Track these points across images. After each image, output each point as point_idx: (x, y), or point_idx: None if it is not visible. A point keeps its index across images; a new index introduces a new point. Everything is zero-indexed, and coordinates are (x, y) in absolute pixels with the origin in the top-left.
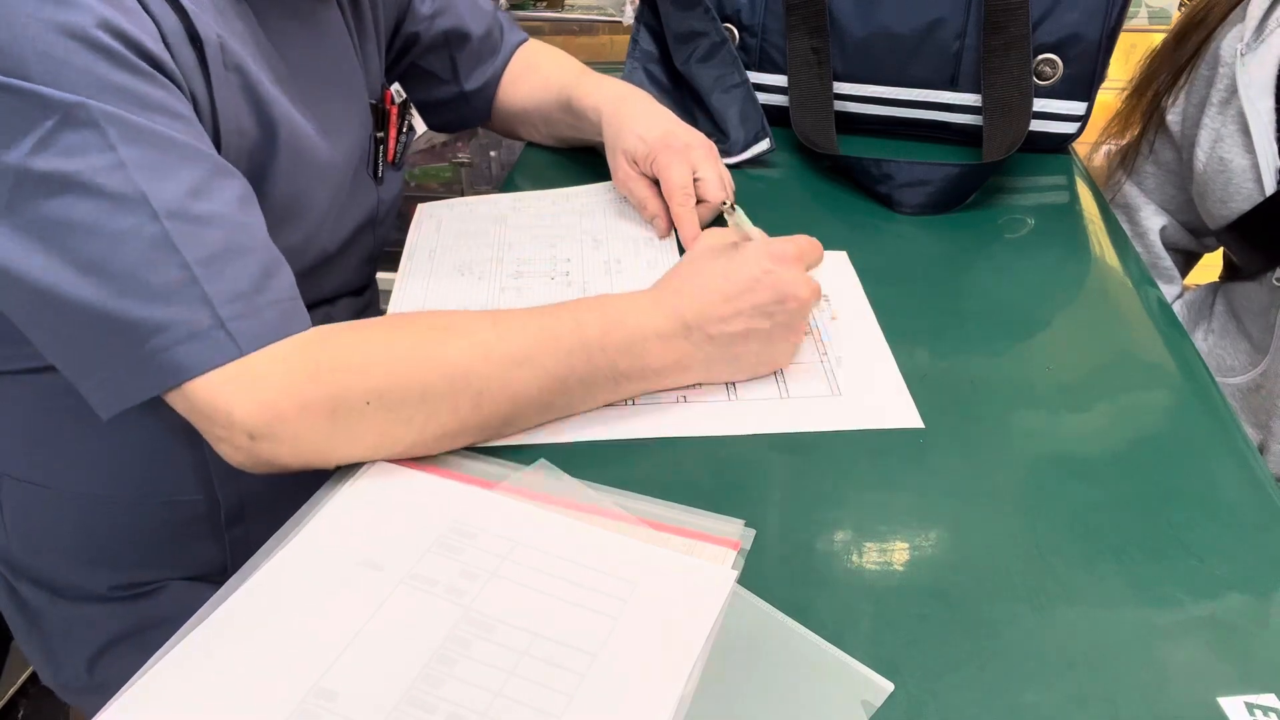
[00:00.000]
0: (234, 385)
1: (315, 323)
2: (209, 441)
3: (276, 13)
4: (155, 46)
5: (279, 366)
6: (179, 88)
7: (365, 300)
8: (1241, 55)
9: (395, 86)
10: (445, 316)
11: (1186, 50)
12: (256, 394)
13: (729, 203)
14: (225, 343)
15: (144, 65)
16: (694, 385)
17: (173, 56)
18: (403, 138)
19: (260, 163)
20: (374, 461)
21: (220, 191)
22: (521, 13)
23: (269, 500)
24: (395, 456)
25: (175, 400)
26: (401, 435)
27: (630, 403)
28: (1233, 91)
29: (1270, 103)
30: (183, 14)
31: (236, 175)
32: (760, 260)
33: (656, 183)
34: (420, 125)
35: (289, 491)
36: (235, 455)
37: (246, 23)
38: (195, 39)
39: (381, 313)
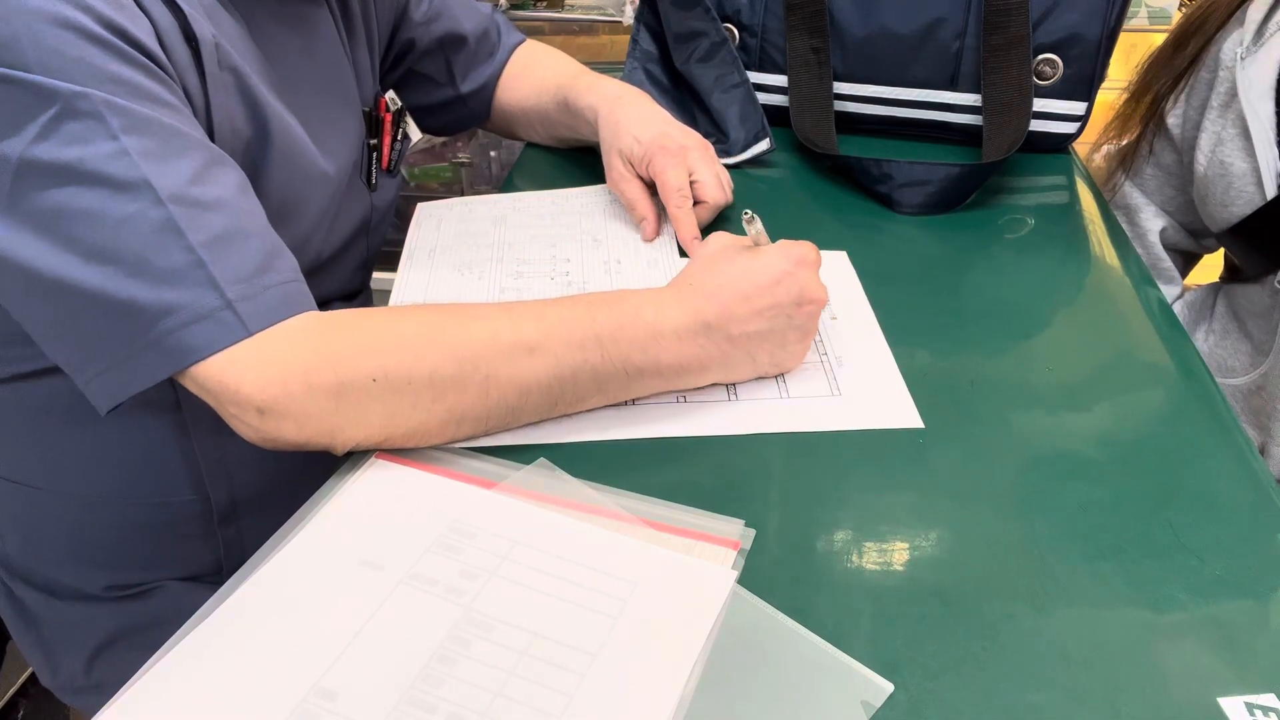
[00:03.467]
0: (242, 364)
1: None
2: (223, 419)
3: (266, 18)
4: (150, 42)
5: (286, 345)
6: (174, 82)
7: (358, 304)
8: (1241, 59)
9: (390, 94)
10: (457, 304)
11: (1186, 55)
12: (264, 371)
13: (748, 213)
14: (233, 323)
15: (140, 58)
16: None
17: (167, 54)
18: (397, 145)
19: (253, 163)
20: (374, 460)
21: (220, 178)
22: (521, 13)
23: (261, 500)
24: (402, 441)
25: (186, 381)
26: (407, 418)
27: (630, 403)
28: (1233, 95)
29: (1270, 106)
30: (178, 13)
31: (233, 164)
32: (781, 262)
33: (652, 184)
34: (416, 133)
35: (281, 491)
36: (247, 432)
37: (239, 28)
38: (190, 38)
39: None
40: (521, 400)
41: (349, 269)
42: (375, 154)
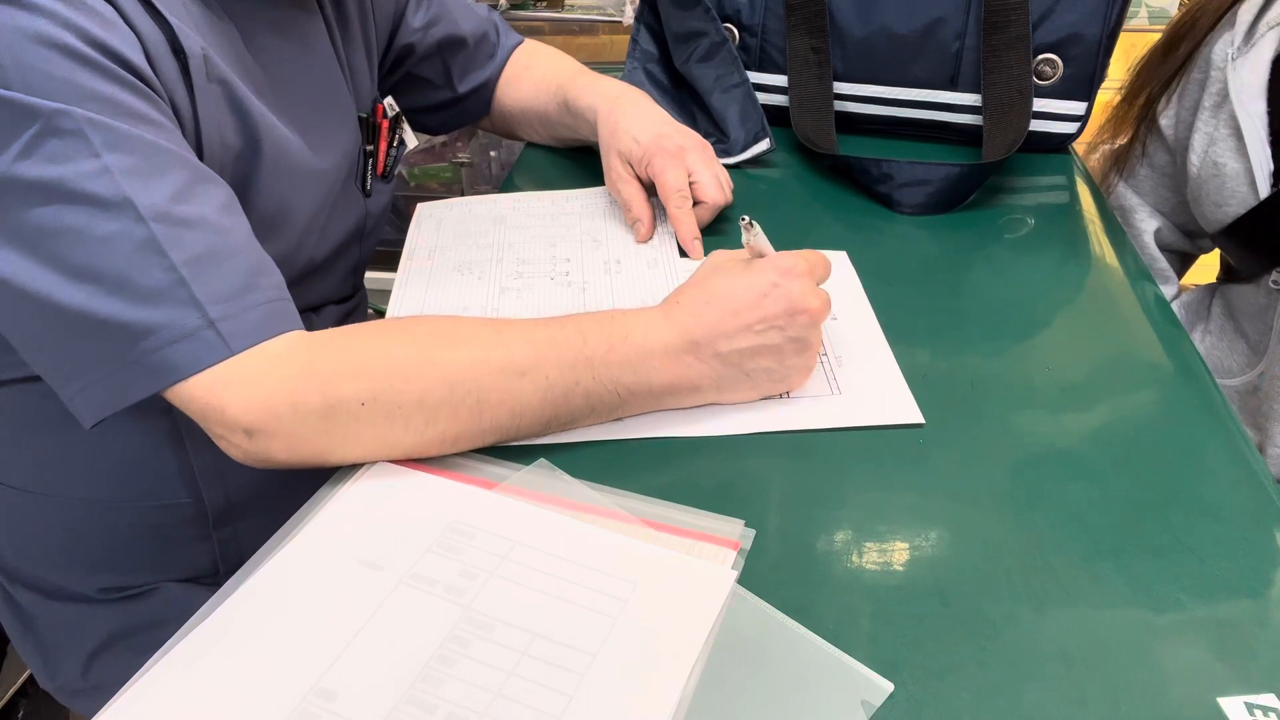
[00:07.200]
0: (226, 384)
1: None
2: (211, 439)
3: (259, 27)
4: (136, 58)
5: (270, 365)
6: (160, 98)
7: (350, 307)
8: (1232, 59)
9: (388, 100)
10: (448, 323)
11: (1177, 57)
12: (249, 392)
13: (746, 219)
14: (215, 342)
15: (125, 74)
16: None
17: (154, 68)
18: (393, 151)
19: (244, 173)
20: (374, 462)
21: (203, 196)
22: (521, 13)
23: (256, 501)
24: (397, 458)
25: (172, 399)
26: (400, 439)
27: None
28: (1225, 96)
29: (1262, 106)
30: (165, 26)
31: (219, 181)
32: (768, 274)
33: (652, 185)
34: (412, 139)
35: (276, 492)
36: (236, 453)
37: (229, 37)
38: (178, 51)
39: (371, 316)
40: (514, 421)
41: (342, 274)
42: (370, 160)
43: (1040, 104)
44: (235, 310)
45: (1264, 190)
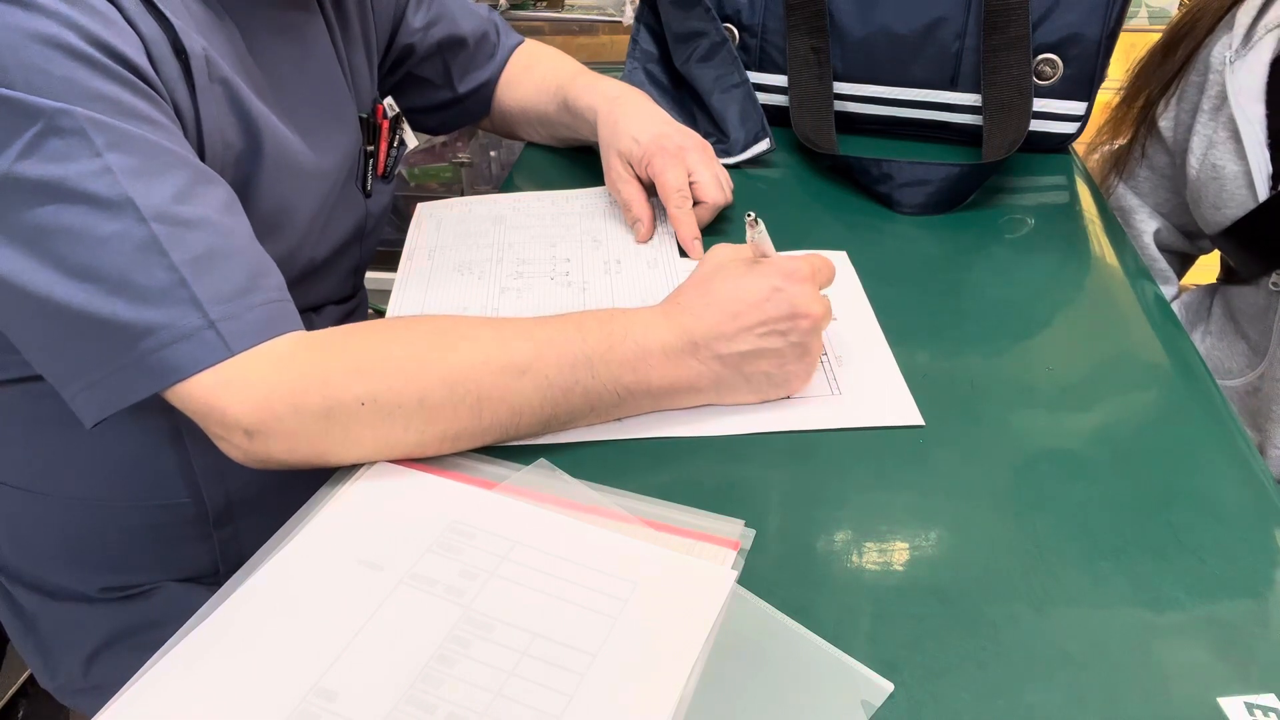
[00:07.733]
0: (226, 385)
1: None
2: (211, 440)
3: (260, 27)
4: (138, 57)
5: (271, 366)
6: (162, 98)
7: (350, 307)
8: (1230, 62)
9: (388, 100)
10: (447, 322)
11: (1176, 59)
12: (249, 393)
13: (752, 215)
14: (215, 343)
15: (126, 74)
16: None
17: (156, 68)
18: (394, 151)
19: (245, 173)
20: (374, 462)
21: (204, 196)
22: (521, 13)
23: (256, 501)
24: (397, 458)
25: (173, 399)
26: (400, 438)
27: None
28: (1223, 98)
29: (1260, 109)
30: (167, 26)
31: (220, 182)
32: (771, 278)
33: (652, 185)
34: (412, 139)
35: (276, 492)
36: (235, 453)
37: (230, 37)
38: (180, 51)
39: (371, 316)
40: (514, 420)
41: (342, 274)
42: (371, 160)
43: (1040, 104)
44: (236, 311)
45: (1263, 193)
